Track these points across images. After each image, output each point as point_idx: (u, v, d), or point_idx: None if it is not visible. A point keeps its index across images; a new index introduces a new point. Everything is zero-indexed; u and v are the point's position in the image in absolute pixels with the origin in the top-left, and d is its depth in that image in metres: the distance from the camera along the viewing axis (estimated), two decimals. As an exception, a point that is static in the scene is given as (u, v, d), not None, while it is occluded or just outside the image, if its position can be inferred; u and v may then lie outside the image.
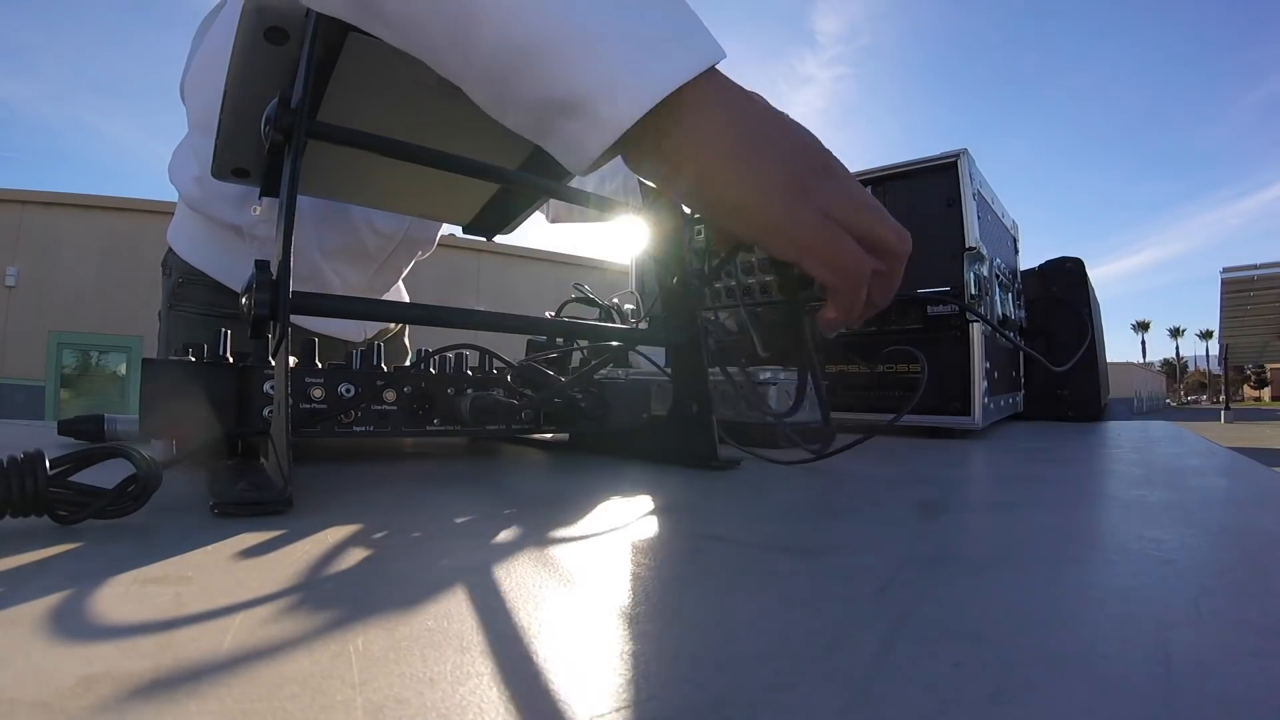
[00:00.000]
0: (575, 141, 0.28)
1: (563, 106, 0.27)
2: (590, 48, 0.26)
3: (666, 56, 0.27)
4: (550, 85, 0.27)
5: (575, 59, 0.26)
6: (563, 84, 0.26)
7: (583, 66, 0.26)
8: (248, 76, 0.42)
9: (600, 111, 0.26)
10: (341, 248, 0.73)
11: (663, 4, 0.28)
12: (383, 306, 0.46)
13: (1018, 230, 0.91)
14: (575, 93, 0.26)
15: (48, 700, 0.11)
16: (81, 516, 0.23)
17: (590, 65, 0.26)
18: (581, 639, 0.15)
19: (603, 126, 0.27)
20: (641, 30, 0.26)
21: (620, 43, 0.26)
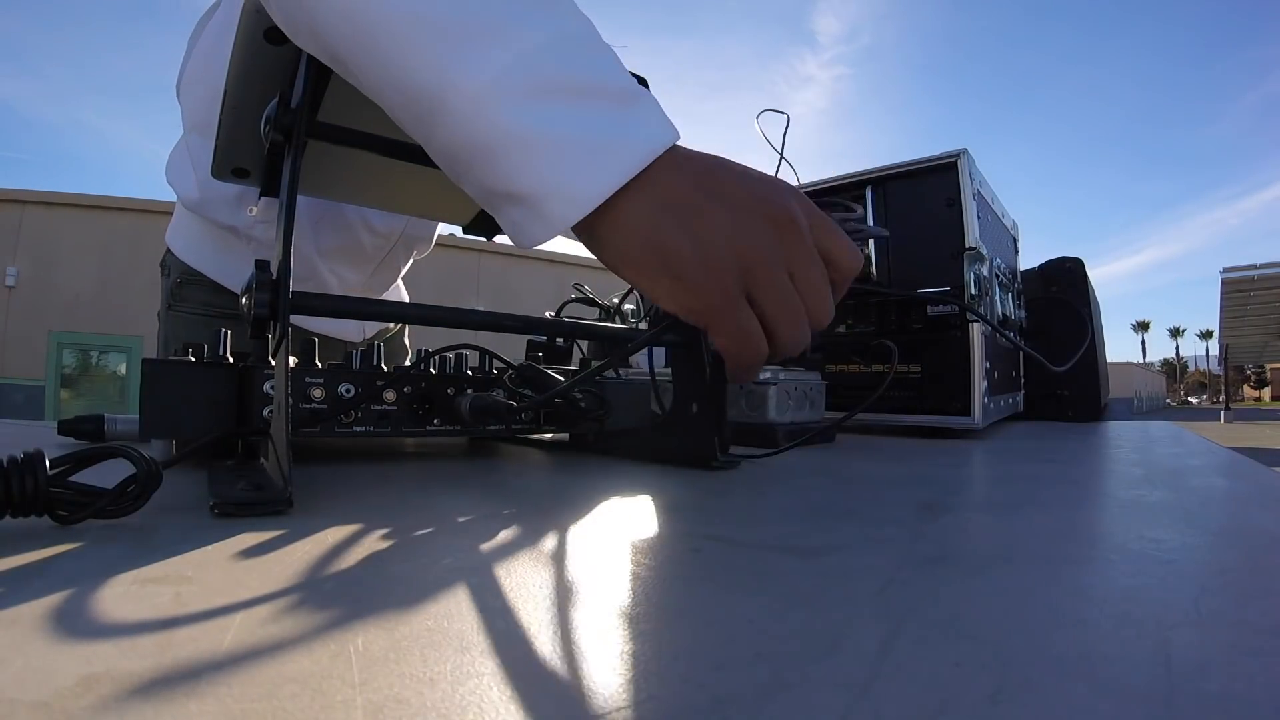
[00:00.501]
0: (521, 226, 0.30)
1: (508, 196, 0.30)
2: (538, 154, 0.28)
3: (607, 161, 0.29)
4: (500, 180, 0.29)
5: (524, 162, 0.28)
6: (507, 180, 0.29)
7: (530, 170, 0.28)
8: (248, 76, 0.42)
9: (544, 209, 0.29)
10: (338, 248, 0.73)
11: (611, 104, 0.30)
12: (382, 306, 0.46)
13: (1018, 230, 0.91)
14: (519, 189, 0.29)
15: (48, 700, 0.11)
16: (81, 516, 0.23)
17: (534, 165, 0.28)
18: (581, 639, 0.15)
19: (547, 222, 0.29)
20: (587, 137, 0.29)
21: (568, 150, 0.28)
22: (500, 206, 0.30)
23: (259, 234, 0.68)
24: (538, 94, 0.29)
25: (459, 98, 0.28)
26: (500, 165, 0.29)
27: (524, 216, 0.29)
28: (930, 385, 0.68)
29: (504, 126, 0.28)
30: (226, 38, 0.42)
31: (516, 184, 0.29)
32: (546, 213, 0.29)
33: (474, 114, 0.28)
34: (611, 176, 0.29)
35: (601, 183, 0.29)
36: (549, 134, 0.28)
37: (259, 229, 0.68)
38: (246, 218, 0.67)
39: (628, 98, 0.30)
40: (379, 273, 0.80)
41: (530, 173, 0.28)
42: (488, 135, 0.28)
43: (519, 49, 0.29)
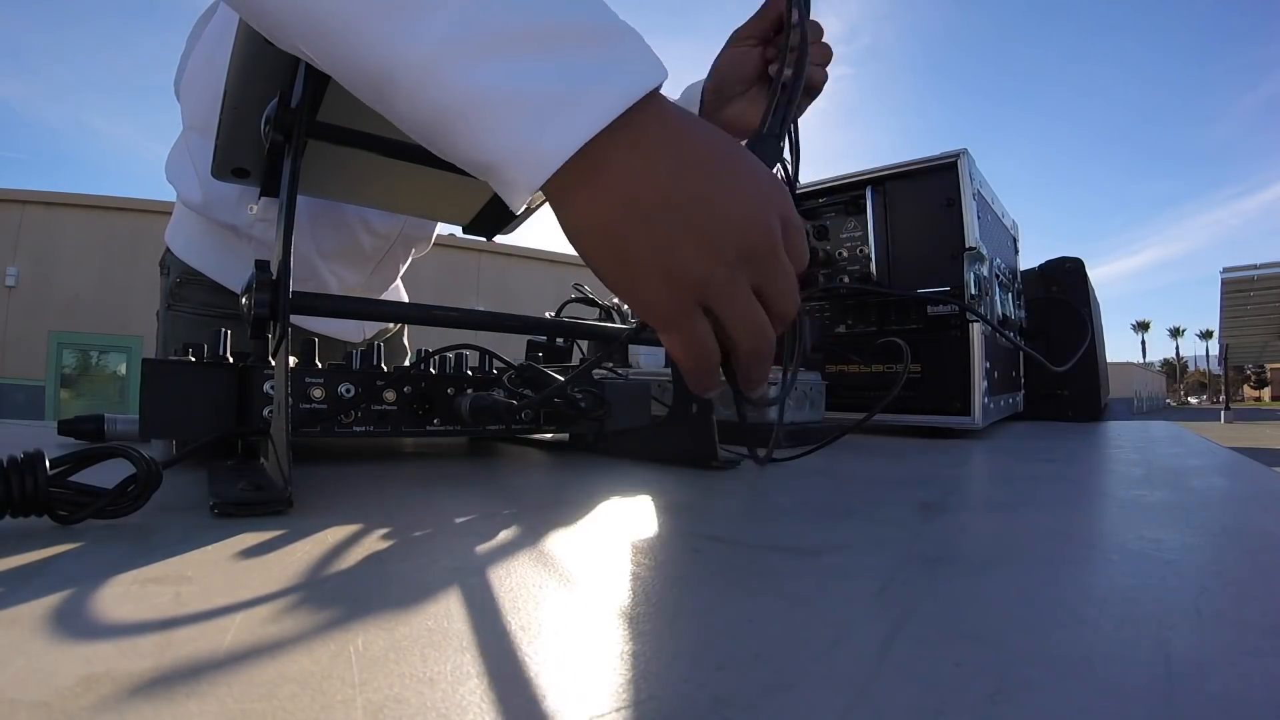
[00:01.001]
0: (499, 189, 0.28)
1: (476, 167, 0.27)
2: (491, 116, 0.26)
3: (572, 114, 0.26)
4: (463, 150, 0.27)
5: (479, 128, 0.26)
6: (474, 151, 0.27)
7: (486, 135, 0.26)
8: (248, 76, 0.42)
9: (505, 176, 0.27)
10: (337, 248, 0.73)
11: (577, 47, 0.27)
12: (382, 306, 0.46)
13: (1018, 230, 0.91)
14: (484, 159, 0.27)
15: (48, 700, 0.11)
16: (81, 516, 0.23)
17: (493, 133, 0.26)
18: (581, 639, 0.15)
19: (514, 188, 0.27)
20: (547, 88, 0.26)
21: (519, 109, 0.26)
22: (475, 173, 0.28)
23: (259, 233, 0.68)
24: (487, 51, 0.26)
25: (406, 70, 0.26)
26: (459, 135, 0.26)
27: (496, 185, 0.27)
28: (930, 385, 0.68)
29: (454, 93, 0.26)
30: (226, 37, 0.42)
31: (478, 153, 0.26)
32: (510, 179, 0.26)
33: (423, 84, 0.26)
34: (577, 128, 0.26)
35: (566, 137, 0.26)
36: (500, 91, 0.26)
37: (259, 228, 0.67)
38: (247, 216, 0.67)
39: (599, 36, 0.27)
40: (378, 272, 0.80)
41: (487, 138, 0.26)
42: (440, 105, 0.26)
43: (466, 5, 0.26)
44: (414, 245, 0.81)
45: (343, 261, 0.75)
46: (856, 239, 0.73)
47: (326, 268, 0.73)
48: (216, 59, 0.58)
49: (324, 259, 0.73)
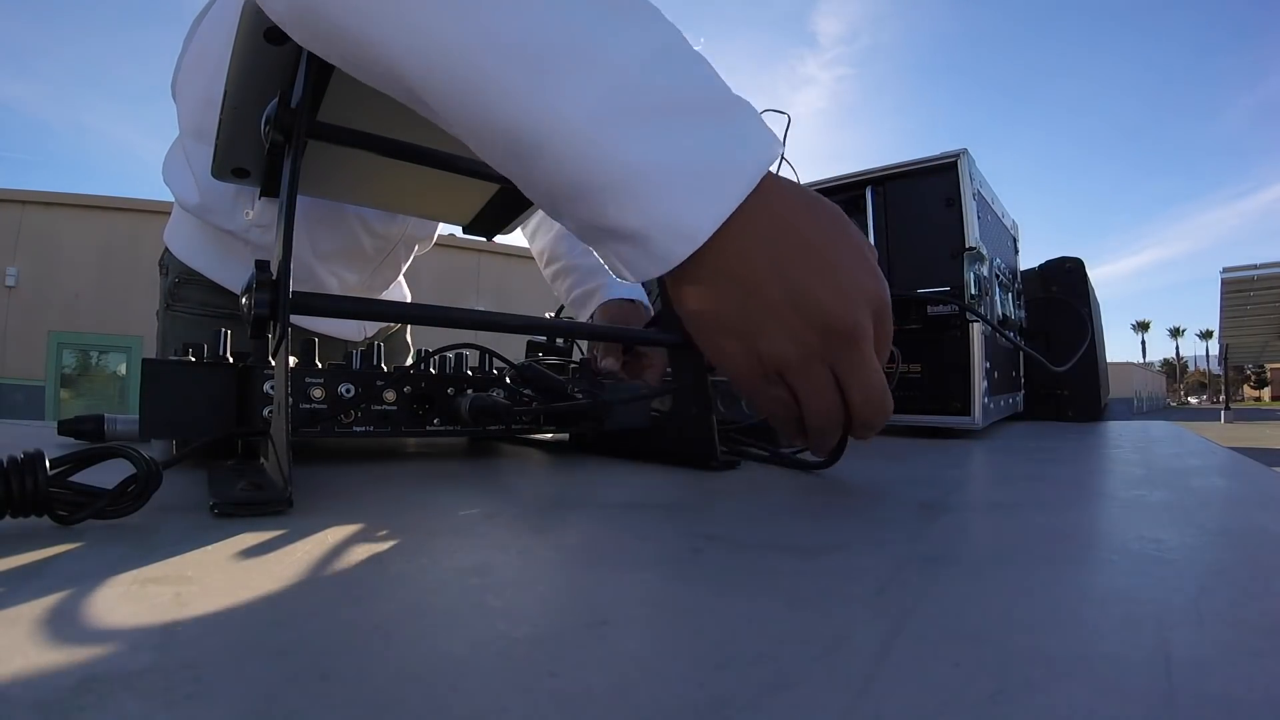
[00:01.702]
0: (626, 262, 0.28)
1: (615, 233, 0.28)
2: (644, 187, 0.26)
3: (719, 183, 0.27)
4: (605, 216, 0.27)
5: (630, 199, 0.26)
6: (617, 218, 0.27)
7: (637, 206, 0.26)
8: (248, 76, 0.42)
9: (654, 246, 0.27)
10: (337, 250, 0.73)
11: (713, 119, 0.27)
12: (383, 306, 0.46)
13: (1018, 230, 0.91)
14: (629, 227, 0.27)
15: (48, 700, 0.11)
16: (81, 516, 0.23)
17: (645, 202, 0.26)
18: (581, 639, 0.15)
19: (656, 258, 0.27)
20: (693, 162, 0.26)
21: (675, 180, 0.26)
22: (604, 242, 0.29)
23: (255, 238, 0.68)
24: (638, 120, 0.26)
25: (555, 135, 0.26)
26: (607, 202, 0.26)
27: (632, 254, 0.28)
28: (930, 385, 0.68)
29: (610, 160, 0.26)
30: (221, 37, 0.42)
31: (627, 222, 0.27)
32: (658, 250, 0.27)
33: (573, 151, 0.26)
34: (723, 202, 0.27)
35: (713, 211, 0.27)
36: (658, 163, 0.26)
37: (255, 233, 0.67)
38: (243, 221, 0.67)
39: (728, 109, 0.28)
40: (379, 273, 0.80)
41: (641, 209, 0.26)
42: (594, 172, 0.26)
43: (614, 72, 0.26)
44: (418, 244, 0.82)
45: (343, 262, 0.75)
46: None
47: (325, 269, 0.73)
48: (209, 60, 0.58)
49: (321, 260, 0.72)
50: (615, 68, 0.26)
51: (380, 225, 0.74)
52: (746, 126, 0.28)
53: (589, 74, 0.26)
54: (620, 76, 0.26)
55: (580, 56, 0.26)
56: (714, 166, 0.27)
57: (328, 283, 0.74)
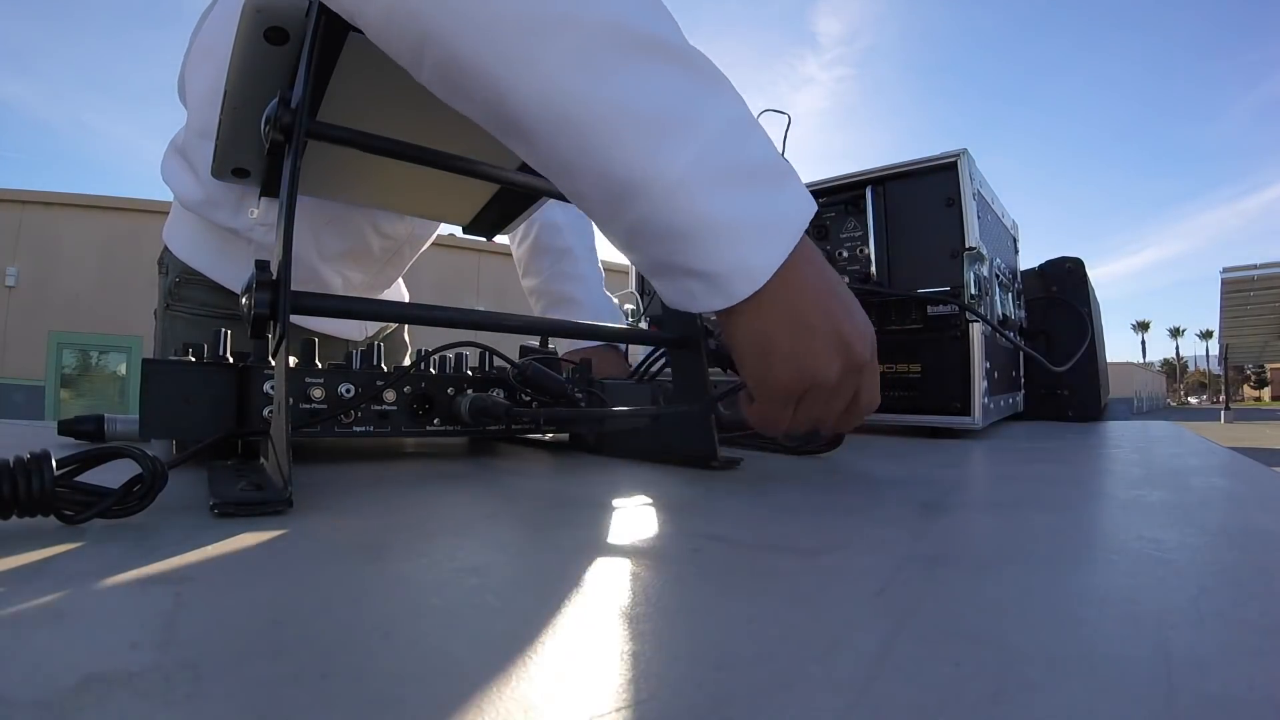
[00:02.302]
0: (692, 295, 0.33)
1: (689, 272, 0.33)
2: (724, 237, 0.31)
3: (781, 231, 0.33)
4: (683, 257, 0.32)
5: (712, 245, 0.32)
6: (695, 260, 0.32)
7: (717, 252, 0.32)
8: (248, 76, 0.42)
9: (725, 284, 0.32)
10: (346, 250, 0.73)
11: (774, 182, 0.33)
12: (383, 306, 0.46)
13: (1018, 230, 0.91)
14: (705, 268, 0.32)
15: (48, 700, 0.11)
16: (87, 516, 0.23)
17: (722, 248, 0.32)
18: (581, 639, 0.15)
19: (725, 294, 0.33)
20: (760, 217, 0.32)
21: (748, 228, 0.32)
22: (675, 278, 0.33)
23: (259, 236, 0.68)
24: (721, 180, 0.31)
25: (655, 186, 0.31)
26: (689, 247, 0.32)
27: (702, 289, 0.33)
28: (930, 385, 0.68)
29: (695, 212, 0.31)
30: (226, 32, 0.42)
31: (703, 264, 0.32)
32: (727, 288, 0.32)
33: (668, 201, 0.31)
34: (778, 251, 0.32)
35: (772, 258, 0.32)
36: (732, 218, 0.31)
37: (259, 231, 0.67)
38: (247, 220, 0.67)
39: (783, 173, 0.34)
40: (384, 272, 0.80)
41: (717, 254, 0.32)
42: (681, 220, 0.31)
43: (706, 137, 0.31)
44: (422, 243, 0.82)
45: (350, 262, 0.75)
46: (856, 239, 0.73)
47: (330, 268, 0.73)
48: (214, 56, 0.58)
49: (327, 261, 0.73)
50: (704, 135, 0.31)
51: (389, 226, 0.74)
52: (793, 189, 0.34)
53: (686, 139, 0.31)
54: (707, 143, 0.31)
55: (681, 123, 0.31)
56: (774, 222, 0.33)
57: (332, 282, 0.74)
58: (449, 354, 0.45)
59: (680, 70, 0.32)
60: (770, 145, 0.34)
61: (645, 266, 0.35)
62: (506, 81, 0.30)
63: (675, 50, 0.32)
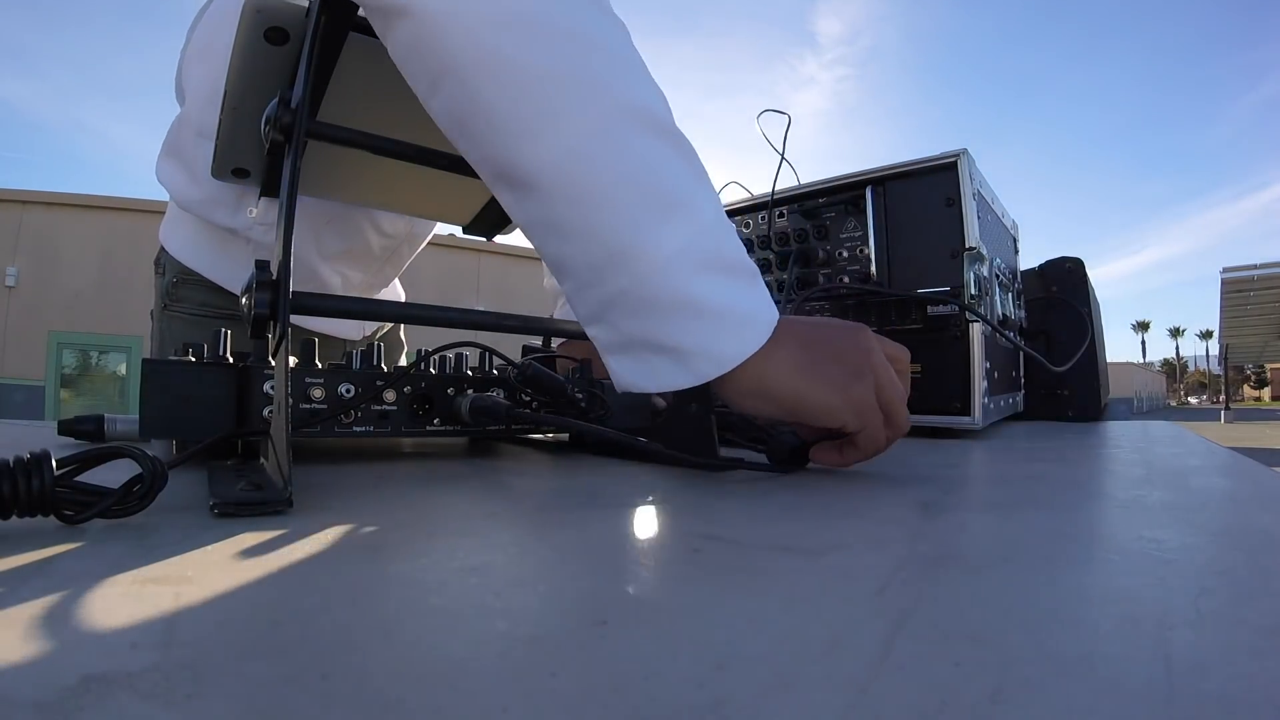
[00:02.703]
0: (656, 372, 0.34)
1: (659, 348, 0.33)
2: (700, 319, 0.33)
3: (748, 331, 0.34)
4: (658, 334, 0.33)
5: (687, 325, 0.33)
6: (671, 338, 0.33)
7: (690, 332, 0.33)
8: (248, 76, 0.42)
9: (694, 363, 0.33)
10: (345, 250, 0.73)
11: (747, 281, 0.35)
12: (383, 307, 0.46)
13: (1018, 230, 0.91)
14: (676, 345, 0.33)
15: (48, 700, 0.11)
16: (88, 516, 0.23)
17: (697, 329, 0.33)
18: (581, 639, 0.15)
19: (692, 373, 0.34)
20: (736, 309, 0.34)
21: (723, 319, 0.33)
22: (641, 353, 0.34)
23: (258, 235, 0.68)
24: (707, 266, 0.33)
25: (646, 260, 0.32)
26: (664, 323, 0.33)
27: (668, 366, 0.34)
28: (930, 385, 0.68)
29: (680, 290, 0.32)
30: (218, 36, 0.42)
31: (675, 340, 0.33)
32: (693, 367, 0.33)
33: (655, 276, 0.32)
34: (749, 344, 0.34)
35: (741, 349, 0.34)
36: (711, 304, 0.33)
37: (258, 230, 0.67)
38: (246, 219, 0.67)
39: (755, 274, 0.36)
40: (383, 271, 0.80)
41: (690, 334, 0.33)
42: (664, 296, 0.32)
43: (698, 224, 0.33)
44: (420, 242, 0.82)
45: (349, 262, 0.75)
46: (856, 239, 0.73)
47: (330, 268, 0.73)
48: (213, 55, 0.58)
49: (326, 260, 0.73)
50: (699, 221, 0.33)
51: (389, 224, 0.74)
52: (763, 292, 0.36)
53: (684, 220, 0.32)
54: (701, 228, 0.33)
55: (682, 205, 0.33)
56: (749, 314, 0.35)
57: (331, 281, 0.74)
58: (449, 354, 0.45)
59: (684, 160, 0.34)
60: (742, 248, 0.36)
61: (608, 341, 0.36)
62: (524, 135, 0.31)
63: (681, 140, 0.34)
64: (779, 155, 0.79)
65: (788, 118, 0.80)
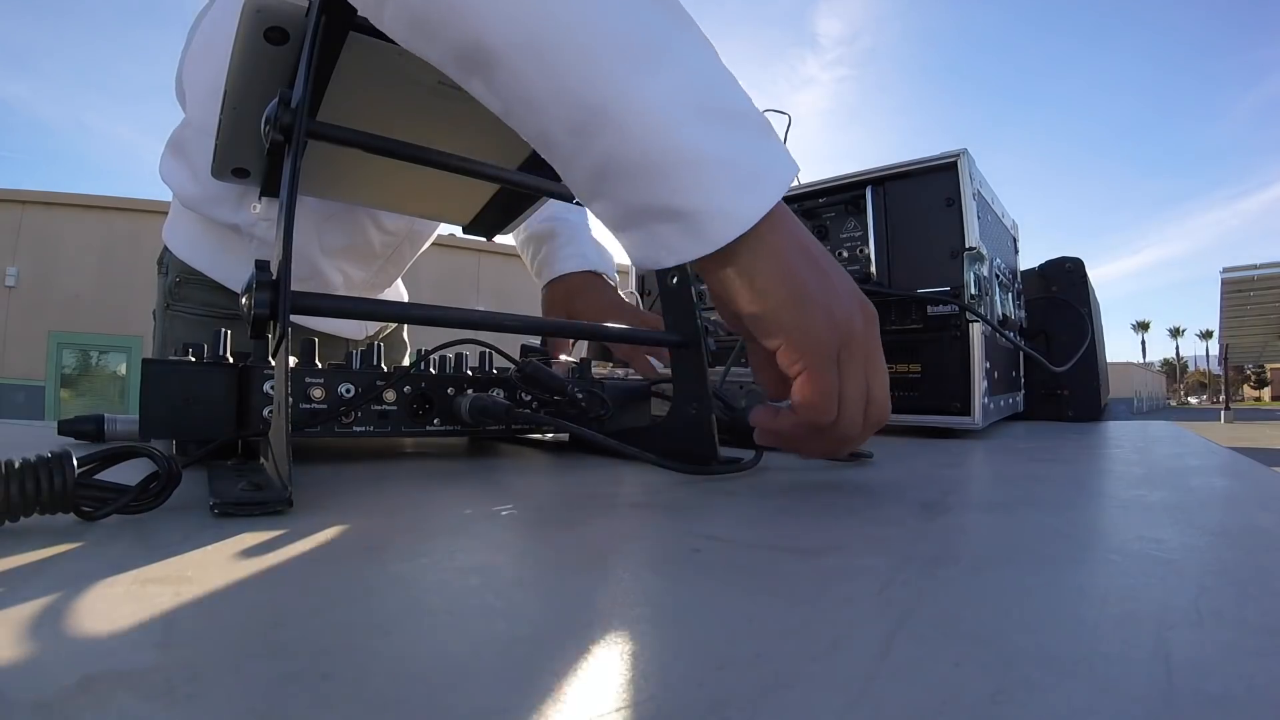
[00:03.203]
0: (665, 244, 0.31)
1: (663, 213, 0.30)
2: (704, 172, 0.29)
3: (764, 180, 0.30)
4: (657, 195, 0.29)
5: (687, 176, 0.29)
6: (670, 196, 0.29)
7: (693, 184, 0.29)
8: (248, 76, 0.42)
9: (702, 226, 0.29)
10: (347, 246, 0.73)
11: (757, 129, 0.31)
12: (383, 306, 0.46)
13: (1018, 230, 0.91)
14: (681, 206, 0.29)
15: (48, 700, 0.11)
16: (106, 512, 0.24)
17: (700, 183, 0.29)
18: (581, 639, 0.15)
19: (702, 239, 0.30)
20: (744, 159, 0.30)
21: (729, 166, 0.29)
22: (646, 223, 0.31)
23: (261, 232, 0.68)
24: (702, 114, 0.29)
25: (630, 113, 0.29)
26: (664, 181, 0.29)
27: (677, 233, 0.30)
28: (930, 385, 0.68)
29: (671, 143, 0.29)
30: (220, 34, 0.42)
31: (679, 201, 0.29)
32: (705, 230, 0.29)
33: (641, 130, 0.29)
34: (764, 198, 0.30)
35: (757, 204, 0.30)
36: (714, 153, 0.29)
37: (261, 226, 0.67)
38: (249, 216, 0.67)
39: (764, 124, 0.32)
40: (384, 269, 0.80)
41: (695, 190, 0.29)
42: (656, 151, 0.29)
43: (684, 69, 0.30)
44: (423, 241, 0.82)
45: (351, 259, 0.75)
46: (856, 239, 0.73)
47: (332, 265, 0.73)
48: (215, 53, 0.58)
49: (328, 256, 0.73)
50: (687, 67, 0.30)
51: (390, 221, 0.74)
52: (776, 143, 0.32)
53: (669, 67, 0.29)
54: (690, 75, 0.30)
55: (661, 50, 0.29)
56: (757, 166, 0.30)
57: (333, 279, 0.74)
58: (449, 354, 0.45)
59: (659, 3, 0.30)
60: (751, 101, 0.32)
61: (614, 216, 0.32)
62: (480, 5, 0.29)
63: None
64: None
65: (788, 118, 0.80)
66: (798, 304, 0.31)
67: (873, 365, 0.33)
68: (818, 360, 0.31)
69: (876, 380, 0.33)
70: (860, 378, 0.33)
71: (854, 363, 0.32)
